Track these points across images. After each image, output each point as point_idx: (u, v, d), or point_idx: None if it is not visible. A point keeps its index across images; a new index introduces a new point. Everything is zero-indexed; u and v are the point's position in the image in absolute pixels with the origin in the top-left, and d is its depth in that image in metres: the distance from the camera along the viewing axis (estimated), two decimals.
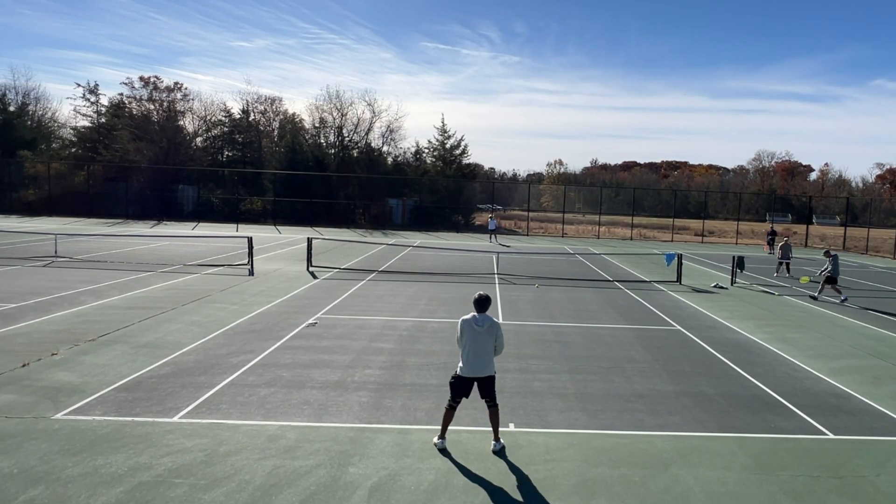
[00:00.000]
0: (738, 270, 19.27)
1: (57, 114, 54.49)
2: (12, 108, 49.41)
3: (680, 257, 19.03)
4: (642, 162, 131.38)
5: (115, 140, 45.98)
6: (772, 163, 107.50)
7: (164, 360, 8.53)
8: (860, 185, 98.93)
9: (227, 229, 33.39)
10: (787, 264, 21.61)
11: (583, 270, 21.17)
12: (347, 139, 48.22)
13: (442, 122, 60.76)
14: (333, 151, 47.96)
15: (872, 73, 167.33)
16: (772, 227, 34.42)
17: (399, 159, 50.63)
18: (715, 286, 18.29)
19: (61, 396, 6.98)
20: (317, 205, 42.33)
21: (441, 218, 44.76)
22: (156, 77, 50.22)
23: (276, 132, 53.45)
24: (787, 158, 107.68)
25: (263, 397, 7.24)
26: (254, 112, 51.99)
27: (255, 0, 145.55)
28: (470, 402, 6.28)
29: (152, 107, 48.82)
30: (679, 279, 18.48)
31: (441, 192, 47.01)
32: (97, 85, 51.19)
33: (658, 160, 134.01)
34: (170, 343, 9.45)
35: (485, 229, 37.96)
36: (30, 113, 52.04)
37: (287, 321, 11.27)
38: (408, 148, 56.90)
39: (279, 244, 26.47)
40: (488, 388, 5.97)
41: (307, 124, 50.29)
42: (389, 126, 48.77)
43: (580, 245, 33.76)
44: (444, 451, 5.91)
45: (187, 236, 28.27)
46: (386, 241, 29.48)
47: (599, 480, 5.45)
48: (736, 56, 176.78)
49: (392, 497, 5.02)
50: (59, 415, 6.46)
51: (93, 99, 50.72)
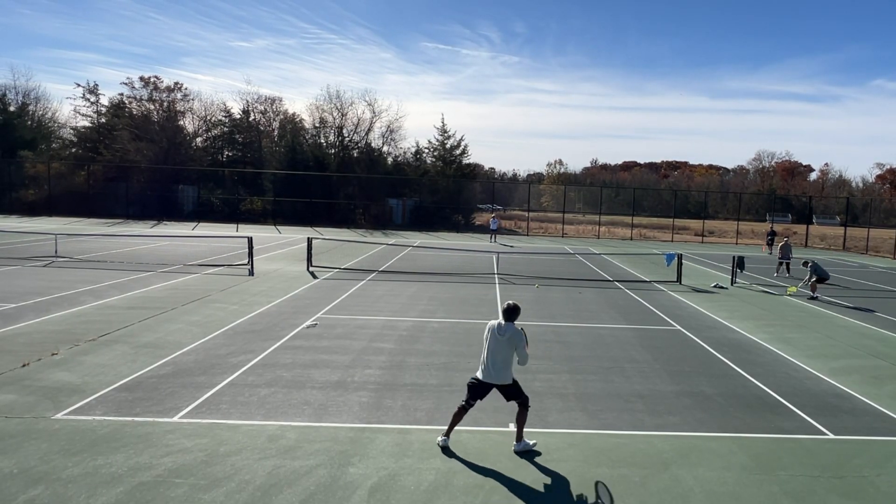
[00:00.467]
0: (738, 270, 19.28)
1: (57, 114, 54.46)
2: (12, 108, 49.41)
3: (680, 257, 19.03)
4: (642, 162, 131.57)
5: (116, 140, 45.96)
6: (772, 163, 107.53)
7: (164, 360, 8.54)
8: (860, 185, 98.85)
9: (228, 229, 33.37)
10: (788, 264, 21.63)
11: (583, 270, 21.17)
12: (347, 139, 48.22)
13: (442, 123, 60.68)
14: (333, 151, 47.94)
15: (872, 74, 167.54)
16: (771, 228, 34.42)
17: (399, 159, 50.61)
18: (715, 286, 18.29)
19: (61, 396, 6.98)
20: (317, 205, 42.32)
21: (441, 218, 44.74)
22: (156, 77, 50.22)
23: (276, 132, 53.40)
24: (787, 158, 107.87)
25: (263, 397, 7.24)
26: (254, 112, 51.98)
27: (255, 0, 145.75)
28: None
29: (152, 107, 48.81)
30: (679, 279, 18.49)
31: (441, 193, 47.00)
32: (97, 85, 51.35)
33: (658, 160, 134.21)
34: (170, 343, 9.45)
35: (485, 229, 37.97)
36: (30, 113, 52.00)
37: (287, 321, 11.27)
38: (408, 148, 56.91)
39: (279, 244, 26.47)
40: (509, 394, 5.99)
41: (307, 124, 50.32)
42: (389, 126, 48.82)
43: (580, 245, 33.75)
44: (445, 451, 5.91)
45: (187, 236, 28.27)
46: (386, 241, 29.48)
47: (599, 480, 5.46)
48: (736, 56, 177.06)
49: (392, 497, 5.02)
50: (59, 415, 6.46)
51: (93, 99, 50.79)
